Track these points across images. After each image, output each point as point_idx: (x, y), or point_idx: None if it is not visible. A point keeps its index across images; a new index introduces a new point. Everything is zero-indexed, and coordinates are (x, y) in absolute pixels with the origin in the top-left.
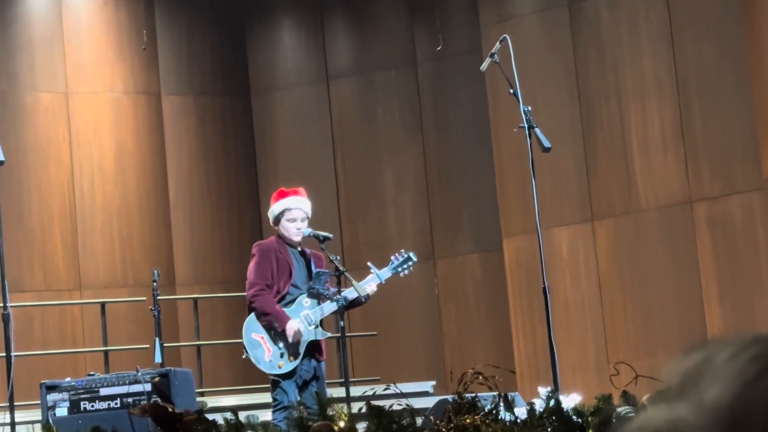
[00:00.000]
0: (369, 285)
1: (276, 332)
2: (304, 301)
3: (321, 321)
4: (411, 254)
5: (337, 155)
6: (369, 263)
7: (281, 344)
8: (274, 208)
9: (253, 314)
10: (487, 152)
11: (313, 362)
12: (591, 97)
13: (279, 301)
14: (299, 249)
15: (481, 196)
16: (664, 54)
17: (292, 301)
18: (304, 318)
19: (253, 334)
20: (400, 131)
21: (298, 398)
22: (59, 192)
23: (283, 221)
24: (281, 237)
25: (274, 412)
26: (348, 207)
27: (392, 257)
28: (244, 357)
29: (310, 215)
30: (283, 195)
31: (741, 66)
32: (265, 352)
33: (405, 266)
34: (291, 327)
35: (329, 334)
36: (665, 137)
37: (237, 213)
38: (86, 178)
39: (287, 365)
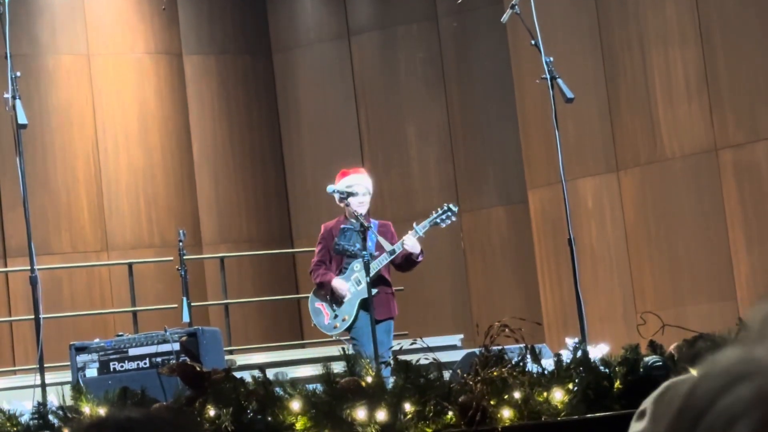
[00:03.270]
0: (407, 237)
1: (332, 298)
2: (355, 265)
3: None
4: (451, 205)
5: (360, 111)
6: (414, 223)
7: (336, 308)
8: (338, 187)
9: (315, 288)
10: (510, 104)
11: (368, 319)
12: (613, 46)
13: (338, 273)
14: (363, 222)
15: (505, 148)
16: (687, 1)
17: (346, 269)
18: (354, 281)
19: (316, 303)
20: (423, 85)
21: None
22: (83, 154)
23: (349, 198)
24: (346, 215)
25: None
26: (372, 162)
27: (432, 211)
28: (312, 325)
29: (371, 191)
30: (345, 174)
31: (765, 12)
32: (324, 317)
33: (444, 216)
34: (335, 284)
35: (376, 290)
36: (689, 85)
37: (261, 171)
38: (110, 139)
39: (342, 325)
